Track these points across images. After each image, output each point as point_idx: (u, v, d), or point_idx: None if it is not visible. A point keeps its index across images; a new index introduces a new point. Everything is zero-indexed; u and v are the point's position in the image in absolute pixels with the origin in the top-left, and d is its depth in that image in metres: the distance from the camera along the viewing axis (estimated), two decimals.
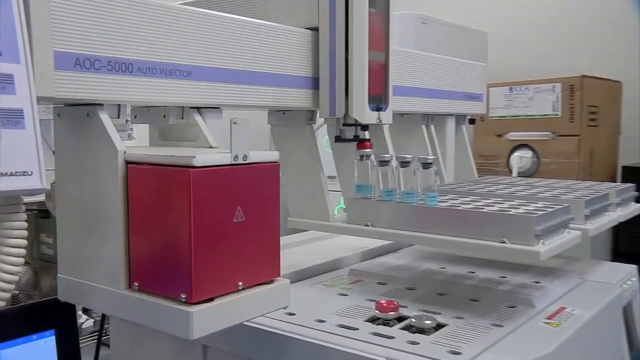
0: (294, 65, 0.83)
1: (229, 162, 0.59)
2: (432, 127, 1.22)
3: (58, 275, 0.67)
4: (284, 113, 0.94)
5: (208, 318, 0.57)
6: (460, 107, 1.25)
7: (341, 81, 0.82)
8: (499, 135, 2.08)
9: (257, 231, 0.62)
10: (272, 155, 0.64)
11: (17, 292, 1.91)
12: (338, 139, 0.87)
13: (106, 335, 0.99)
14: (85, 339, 1.69)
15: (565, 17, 2.35)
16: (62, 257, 0.67)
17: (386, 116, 0.87)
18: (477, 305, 0.83)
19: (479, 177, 1.35)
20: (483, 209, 0.78)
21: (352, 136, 0.88)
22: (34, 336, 0.74)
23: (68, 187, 0.66)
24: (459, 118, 1.33)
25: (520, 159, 1.96)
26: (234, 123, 0.59)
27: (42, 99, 0.56)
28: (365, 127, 0.88)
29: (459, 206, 0.81)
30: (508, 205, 0.81)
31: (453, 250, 0.99)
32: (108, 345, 0.96)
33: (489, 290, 0.89)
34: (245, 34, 0.75)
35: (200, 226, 0.56)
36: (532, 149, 1.99)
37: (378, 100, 0.86)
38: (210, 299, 0.58)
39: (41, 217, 1.52)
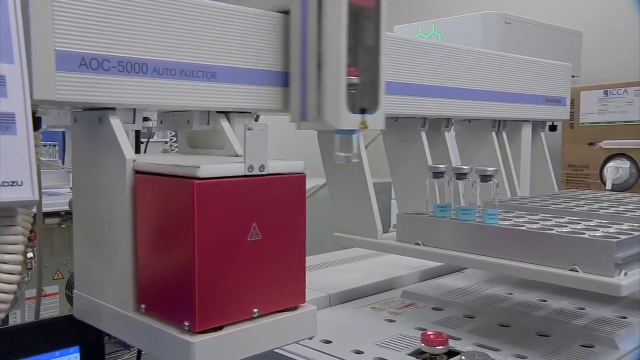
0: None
1: (242, 173, 0.52)
2: (503, 134, 1.10)
3: (74, 291, 0.64)
4: None
5: (214, 350, 0.50)
6: (537, 112, 1.12)
7: (313, 75, 0.64)
8: (591, 144, 1.89)
9: (276, 251, 0.55)
10: (296, 166, 0.57)
11: None
12: None
13: None
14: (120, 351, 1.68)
15: None
16: (77, 272, 0.63)
17: (375, 120, 0.66)
18: (546, 342, 0.71)
19: (562, 189, 1.21)
20: (552, 230, 0.66)
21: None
22: (57, 352, 0.71)
23: (82, 198, 0.62)
24: (537, 124, 1.19)
25: (617, 169, 1.76)
26: (249, 129, 0.53)
27: (42, 102, 0.52)
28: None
29: (523, 226, 0.69)
30: (584, 226, 0.68)
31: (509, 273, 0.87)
32: None
33: (561, 324, 0.76)
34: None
35: (206, 245, 0.49)
36: (630, 158, 1.79)
37: (362, 100, 0.66)
38: (219, 328, 0.51)
39: None
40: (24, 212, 0.54)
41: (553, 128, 1.25)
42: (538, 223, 0.71)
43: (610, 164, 1.83)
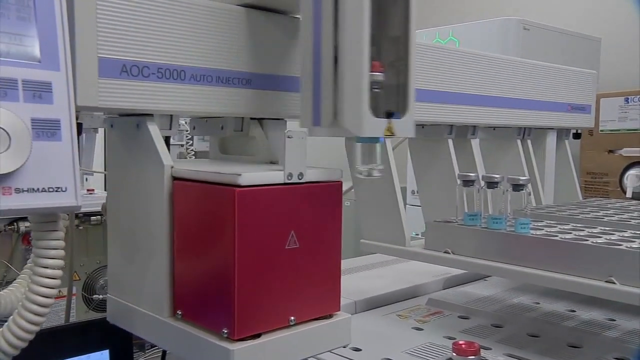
0: None
1: (282, 181, 0.52)
2: (528, 141, 1.10)
3: (107, 295, 0.64)
4: None
5: (252, 357, 0.50)
6: (562, 119, 1.11)
7: (328, 72, 0.53)
8: (611, 152, 1.88)
9: (313, 259, 0.55)
10: (333, 173, 0.56)
11: (100, 297, 1.97)
12: None
13: None
14: (150, 350, 1.69)
15: None
16: (111, 276, 0.63)
17: (403, 126, 0.55)
18: (578, 354, 0.70)
19: (585, 198, 1.20)
20: (586, 240, 0.66)
21: None
22: (88, 355, 0.72)
23: (117, 202, 0.62)
24: (562, 132, 1.18)
25: (637, 177, 1.75)
26: (289, 137, 0.53)
27: (84, 108, 0.53)
28: None
29: (557, 236, 0.68)
30: (619, 237, 0.68)
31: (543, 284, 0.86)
32: None
33: (593, 335, 0.75)
34: None
35: (246, 252, 0.49)
36: None
37: (388, 103, 0.56)
38: (257, 335, 0.51)
39: None
40: (63, 216, 0.54)
41: (577, 136, 1.25)
42: (571, 233, 0.70)
43: (631, 172, 1.82)
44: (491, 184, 0.75)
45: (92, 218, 1.74)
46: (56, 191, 0.47)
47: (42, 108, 0.47)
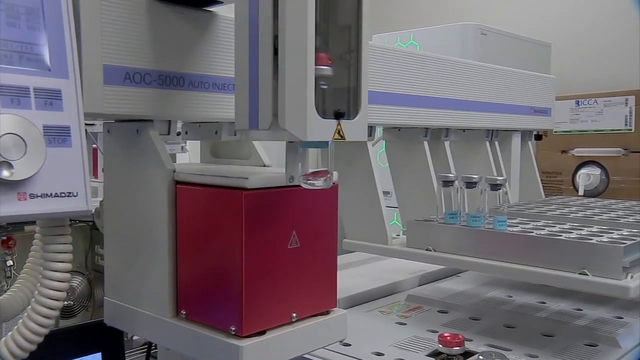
0: None
1: (284, 184, 0.55)
2: (496, 143, 1.15)
3: (105, 298, 0.65)
4: None
5: (260, 353, 0.52)
6: (526, 122, 1.18)
7: (266, 66, 0.47)
8: (564, 152, 1.98)
9: (313, 258, 0.57)
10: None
11: (71, 302, 1.94)
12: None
13: (156, 349, 0.96)
14: (134, 351, 1.69)
15: (636, 25, 2.21)
16: (108, 279, 0.64)
17: (354, 129, 0.50)
18: (552, 342, 0.75)
19: (546, 197, 1.26)
20: (560, 235, 0.71)
21: None
22: (80, 358, 0.72)
23: (116, 206, 0.63)
24: (525, 134, 1.25)
25: (588, 176, 1.85)
26: (290, 141, 0.55)
27: (90, 115, 0.54)
28: None
29: (532, 232, 0.73)
30: (588, 232, 0.73)
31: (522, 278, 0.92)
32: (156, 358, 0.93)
33: (564, 324, 0.81)
34: None
35: (253, 253, 0.52)
36: (600, 166, 1.88)
37: (336, 102, 0.50)
38: (262, 332, 0.53)
39: (95, 228, 1.54)
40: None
41: (538, 137, 1.31)
42: (544, 229, 0.75)
43: (582, 171, 1.92)
44: (470, 184, 0.79)
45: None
46: (68, 196, 0.48)
47: (53, 115, 0.48)
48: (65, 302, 1.83)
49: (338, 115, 0.48)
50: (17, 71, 0.46)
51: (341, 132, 0.49)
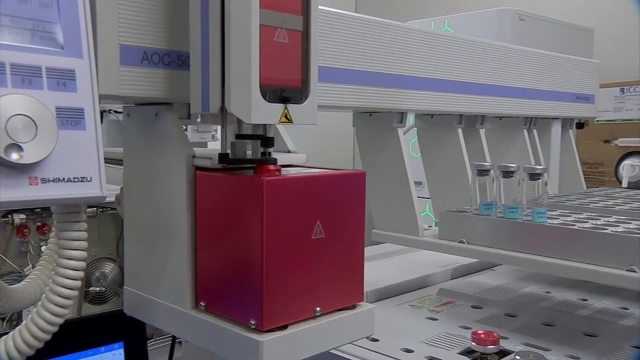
0: None
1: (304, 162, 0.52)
2: (534, 131, 1.10)
3: (124, 287, 0.63)
4: (370, 115, 0.85)
5: (281, 348, 0.50)
6: (567, 109, 1.12)
7: (216, 45, 0.48)
8: (606, 142, 1.90)
9: (338, 249, 0.54)
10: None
11: (103, 289, 1.96)
12: (222, 158, 0.52)
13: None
14: (162, 338, 1.69)
15: None
16: (128, 268, 0.62)
17: (302, 113, 0.50)
18: (595, 343, 0.70)
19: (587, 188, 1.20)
20: (606, 229, 0.66)
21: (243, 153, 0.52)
22: (102, 348, 0.71)
23: (135, 193, 0.61)
24: (566, 122, 1.19)
25: (633, 167, 1.77)
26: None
27: (106, 97, 0.52)
28: (266, 141, 0.52)
29: (574, 225, 0.69)
30: (637, 226, 0.68)
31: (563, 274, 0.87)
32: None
33: (608, 324, 0.76)
34: None
35: (274, 243, 0.49)
36: None
37: (282, 90, 0.49)
38: (284, 327, 0.50)
39: None
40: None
41: (580, 125, 1.25)
42: (588, 222, 0.70)
43: (627, 162, 1.84)
44: (507, 173, 0.75)
45: (87, 210, 1.73)
46: (81, 181, 0.46)
47: (66, 96, 0.46)
48: (97, 289, 1.85)
49: (284, 100, 0.49)
50: (29, 50, 0.44)
51: (288, 116, 0.49)
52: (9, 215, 1.61)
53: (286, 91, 0.50)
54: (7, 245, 1.63)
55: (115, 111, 2.12)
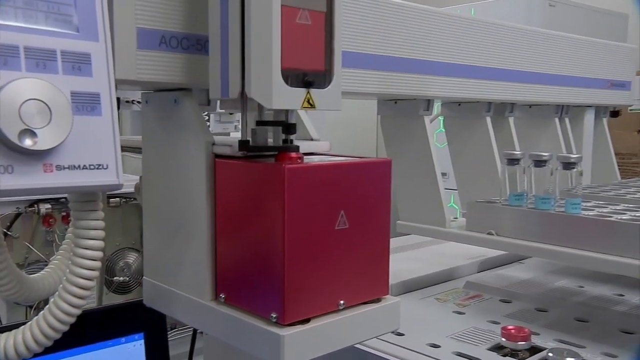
0: None
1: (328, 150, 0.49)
2: (566, 120, 1.05)
3: (144, 277, 0.62)
4: (395, 102, 0.83)
5: (303, 343, 0.48)
6: (602, 96, 1.07)
7: (236, 29, 0.46)
8: None
9: (363, 240, 0.52)
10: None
11: (127, 278, 1.98)
12: (242, 145, 0.49)
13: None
14: (185, 329, 1.70)
15: None
16: (147, 258, 0.61)
17: (325, 98, 0.48)
18: (634, 340, 0.67)
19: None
20: None
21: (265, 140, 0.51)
22: (123, 339, 0.70)
23: (154, 182, 0.60)
24: (600, 110, 1.14)
25: None
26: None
27: (122, 82, 0.50)
28: (288, 127, 0.49)
29: (611, 216, 0.65)
30: None
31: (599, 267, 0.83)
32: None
33: None
34: None
35: (296, 233, 0.47)
36: None
37: (305, 75, 0.47)
38: (306, 320, 0.48)
39: None
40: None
41: (615, 114, 1.20)
42: (626, 214, 0.67)
43: None
44: (539, 163, 0.71)
45: (111, 200, 1.74)
46: (97, 168, 0.45)
47: (82, 81, 0.44)
48: (121, 278, 1.86)
49: (307, 84, 0.47)
50: (43, 32, 0.42)
51: (311, 101, 0.47)
52: (35, 205, 1.62)
53: (309, 75, 0.48)
54: (33, 235, 1.65)
55: (139, 102, 2.12)
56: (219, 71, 0.49)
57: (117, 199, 1.73)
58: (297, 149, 0.51)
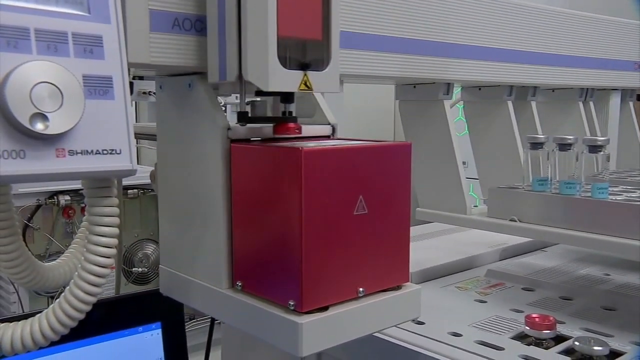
0: None
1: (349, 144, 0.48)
2: (591, 103, 1.02)
3: (160, 266, 0.61)
4: (414, 87, 0.81)
5: (321, 331, 0.47)
6: (629, 79, 1.04)
7: (232, 11, 0.46)
8: None
9: (382, 226, 0.51)
10: None
11: (146, 269, 1.99)
12: (241, 116, 0.50)
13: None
14: (204, 319, 1.70)
15: None
16: (163, 247, 0.60)
17: (323, 80, 0.48)
18: None
19: None
20: None
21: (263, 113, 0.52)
22: (140, 328, 0.69)
23: (169, 168, 0.59)
24: (626, 93, 1.11)
25: None
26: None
27: (135, 65, 0.49)
28: (287, 97, 0.50)
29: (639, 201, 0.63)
30: None
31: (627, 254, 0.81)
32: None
33: None
34: None
35: (313, 218, 0.45)
36: None
37: (304, 53, 0.47)
38: (324, 308, 0.47)
39: None
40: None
41: None
42: None
43: None
44: (563, 146, 0.69)
45: (129, 191, 1.75)
46: (110, 154, 0.44)
47: (94, 64, 0.43)
48: (140, 269, 1.87)
49: (304, 67, 0.47)
50: (54, 14, 0.41)
51: (308, 84, 0.47)
52: (55, 197, 1.64)
53: (307, 55, 0.47)
54: (53, 227, 1.66)
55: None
56: (217, 54, 0.49)
57: (135, 190, 1.74)
58: (295, 119, 0.49)
